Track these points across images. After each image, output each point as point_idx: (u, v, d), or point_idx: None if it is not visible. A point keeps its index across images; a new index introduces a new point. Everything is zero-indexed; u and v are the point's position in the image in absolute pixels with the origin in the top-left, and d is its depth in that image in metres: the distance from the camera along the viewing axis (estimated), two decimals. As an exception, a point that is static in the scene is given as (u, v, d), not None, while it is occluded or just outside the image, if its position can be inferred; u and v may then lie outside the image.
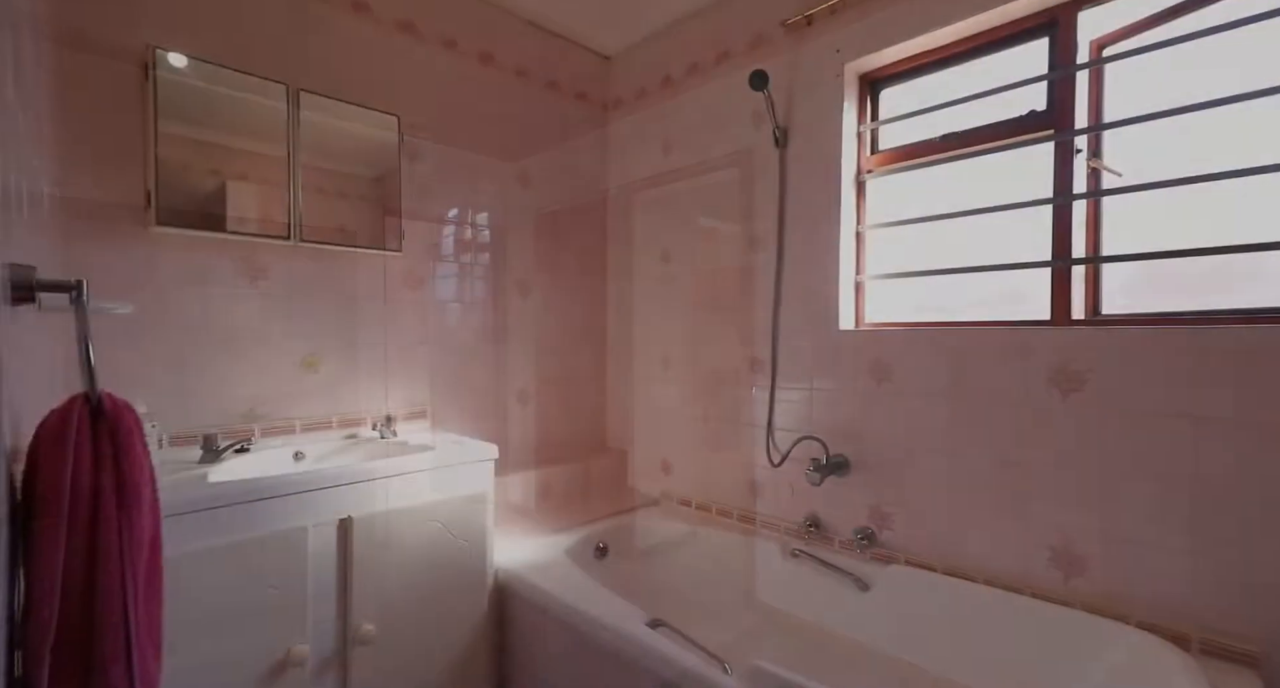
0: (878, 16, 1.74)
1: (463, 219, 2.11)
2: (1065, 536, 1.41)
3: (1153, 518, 1.30)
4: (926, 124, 1.75)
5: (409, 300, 1.96)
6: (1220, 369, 1.22)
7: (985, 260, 1.63)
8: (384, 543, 1.42)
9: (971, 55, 1.68)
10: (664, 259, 2.36)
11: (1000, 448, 1.51)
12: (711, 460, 2.20)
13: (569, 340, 2.45)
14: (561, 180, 2.41)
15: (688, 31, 2.25)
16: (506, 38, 2.20)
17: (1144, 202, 1.42)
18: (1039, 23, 1.54)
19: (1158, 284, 1.48)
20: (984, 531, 1.54)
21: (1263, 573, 1.18)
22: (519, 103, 2.26)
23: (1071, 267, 1.50)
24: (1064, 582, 1.41)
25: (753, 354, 2.05)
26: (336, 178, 1.74)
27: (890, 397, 1.72)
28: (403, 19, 1.92)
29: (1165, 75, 1.40)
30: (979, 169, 1.67)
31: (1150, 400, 1.30)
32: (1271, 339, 1.17)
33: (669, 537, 2.07)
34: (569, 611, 1.46)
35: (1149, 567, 1.30)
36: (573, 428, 2.47)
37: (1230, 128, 1.31)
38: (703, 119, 2.21)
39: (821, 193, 1.88)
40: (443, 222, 2.05)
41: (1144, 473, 1.31)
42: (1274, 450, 1.16)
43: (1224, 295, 1.34)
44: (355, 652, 1.36)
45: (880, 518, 1.74)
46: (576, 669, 1.46)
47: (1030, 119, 1.55)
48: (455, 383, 2.07)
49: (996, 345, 1.52)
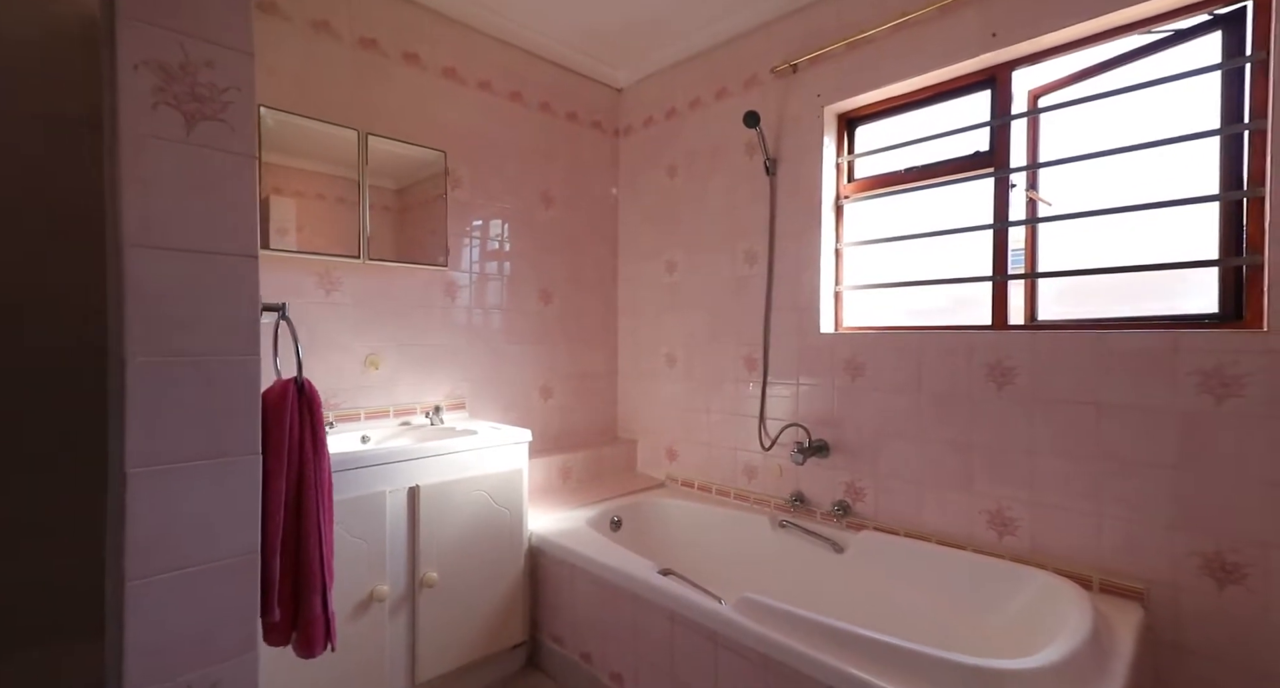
0: (850, 68, 2.05)
1: (495, 235, 2.43)
2: (999, 503, 1.72)
3: (1065, 487, 1.61)
4: (895, 157, 2.06)
5: (450, 307, 2.27)
6: (1119, 365, 1.53)
7: (943, 274, 1.95)
8: (442, 508, 1.73)
9: (930, 101, 1.99)
10: (669, 270, 2.68)
11: (951, 433, 1.83)
12: (711, 447, 2.51)
13: (585, 342, 2.77)
14: (579, 199, 2.72)
15: (690, 71, 2.57)
16: (533, 77, 2.52)
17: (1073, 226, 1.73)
18: (982, 79, 1.85)
19: (1083, 295, 1.79)
20: (937, 501, 1.85)
21: (1147, 529, 1.48)
22: (543, 132, 2.58)
23: (1009, 280, 1.81)
24: (998, 540, 1.72)
25: (747, 354, 2.37)
26: (393, 200, 2.06)
27: (863, 390, 2.03)
28: (447, 66, 2.24)
29: (1090, 120, 1.71)
30: (938, 196, 1.98)
31: (1065, 391, 1.61)
32: (1159, 341, 1.47)
33: (674, 512, 2.38)
34: (593, 563, 1.77)
35: (1062, 526, 1.61)
36: (588, 419, 2.78)
37: (1141, 168, 1.62)
38: (703, 147, 2.52)
39: (806, 215, 2.19)
40: (478, 238, 2.37)
41: (1059, 450, 1.62)
42: (1158, 429, 1.47)
43: (1130, 305, 1.65)
44: (422, 593, 1.68)
45: (854, 492, 2.05)
46: (599, 611, 1.78)
47: (976, 157, 1.87)
48: (488, 378, 2.39)
49: (947, 346, 1.83)
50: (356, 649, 1.56)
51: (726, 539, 2.23)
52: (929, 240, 1.96)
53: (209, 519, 0.82)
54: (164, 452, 0.78)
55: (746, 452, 2.37)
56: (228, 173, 0.83)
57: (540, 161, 2.56)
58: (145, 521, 0.77)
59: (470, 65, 2.32)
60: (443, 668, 1.73)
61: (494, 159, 2.40)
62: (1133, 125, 1.62)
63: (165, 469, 0.78)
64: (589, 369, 2.79)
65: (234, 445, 0.84)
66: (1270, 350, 1.33)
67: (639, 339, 2.83)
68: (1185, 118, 1.55)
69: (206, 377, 0.81)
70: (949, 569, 1.73)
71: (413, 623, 1.68)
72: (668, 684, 1.57)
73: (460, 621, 1.77)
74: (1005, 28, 1.71)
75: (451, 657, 1.75)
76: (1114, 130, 1.66)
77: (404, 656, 1.66)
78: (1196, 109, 1.53)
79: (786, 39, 2.21)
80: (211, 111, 0.81)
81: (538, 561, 2.01)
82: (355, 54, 2.00)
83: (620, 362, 2.92)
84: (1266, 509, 1.33)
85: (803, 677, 1.26)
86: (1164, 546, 1.46)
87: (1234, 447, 1.37)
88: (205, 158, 0.81)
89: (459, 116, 2.28)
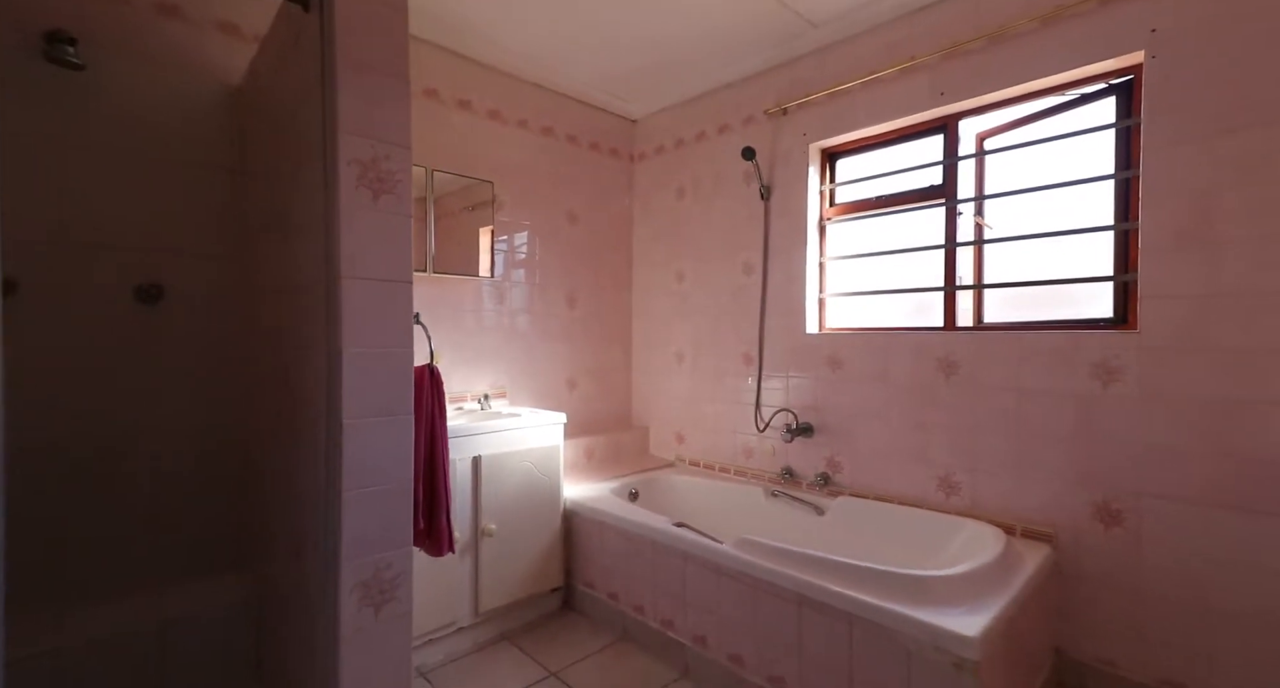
0: (831, 113, 2.47)
1: (530, 250, 2.85)
2: (947, 471, 2.14)
3: (996, 456, 2.02)
4: (868, 187, 2.48)
5: (493, 311, 2.69)
6: (1035, 359, 1.94)
7: (906, 285, 2.36)
8: (498, 474, 2.15)
9: (896, 142, 2.41)
10: (678, 279, 3.10)
11: (911, 415, 2.24)
12: (714, 431, 2.93)
13: (604, 341, 3.19)
14: (599, 217, 3.15)
15: (696, 108, 2.99)
16: (561, 114, 2.94)
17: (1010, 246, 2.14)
18: (935, 125, 2.27)
19: (1022, 302, 2.20)
20: (900, 470, 2.27)
21: (1055, 486, 1.90)
22: (569, 160, 3.00)
23: (956, 291, 2.23)
24: (946, 499, 2.14)
25: (745, 352, 2.78)
26: (447, 222, 2.48)
27: (841, 381, 2.44)
28: (492, 109, 2.67)
29: (1024, 161, 2.12)
30: (904, 220, 2.40)
31: (996, 380, 2.02)
32: (1065, 340, 1.89)
33: (683, 486, 2.80)
34: (619, 519, 2.20)
35: (993, 487, 2.03)
36: (607, 407, 3.20)
37: (1064, 200, 2.02)
38: (707, 173, 2.94)
39: (794, 233, 2.61)
40: (516, 252, 2.79)
41: (991, 428, 2.03)
42: (1062, 409, 1.88)
43: (1048, 310, 2.07)
44: (483, 541, 2.10)
45: (833, 465, 2.47)
46: (624, 558, 2.20)
47: (931, 189, 2.28)
48: (524, 371, 2.81)
49: (908, 345, 2.25)
50: (440, 581, 1.98)
51: (727, 507, 2.64)
52: (896, 256, 2.38)
53: (384, 456, 1.24)
54: (362, 410, 1.20)
55: (744, 434, 2.79)
56: (397, 228, 1.25)
57: (567, 185, 2.99)
58: (352, 454, 1.19)
59: (511, 107, 2.74)
60: (498, 602, 2.16)
61: (529, 185, 2.82)
62: (1058, 165, 2.04)
63: (362, 422, 1.20)
64: (608, 364, 3.21)
65: (398, 408, 1.26)
66: (1141, 347, 1.74)
67: (651, 339, 3.25)
68: (1099, 161, 1.96)
69: (384, 362, 1.24)
70: (907, 524, 2.14)
71: (476, 565, 2.10)
72: (681, 608, 1.99)
73: (511, 565, 2.20)
74: (950, 88, 2.13)
75: (505, 593, 2.17)
76: (1043, 169, 2.07)
77: (469, 589, 2.09)
78: (1107, 155, 1.94)
79: (778, 87, 2.63)
80: (388, 188, 1.24)
81: (571, 522, 2.43)
82: (420, 102, 2.42)
83: (635, 358, 3.34)
84: (1138, 468, 1.75)
85: (784, 591, 1.68)
86: (1067, 499, 1.88)
87: (1115, 421, 1.78)
88: (384, 219, 1.23)
89: (502, 150, 2.70)
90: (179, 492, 1.82)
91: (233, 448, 1.90)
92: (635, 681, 1.91)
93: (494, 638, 2.16)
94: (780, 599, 1.70)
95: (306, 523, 1.33)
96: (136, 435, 1.75)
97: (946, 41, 2.11)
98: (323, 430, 1.23)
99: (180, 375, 1.82)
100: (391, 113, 1.24)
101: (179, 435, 1.82)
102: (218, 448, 1.88)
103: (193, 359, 1.85)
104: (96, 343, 1.70)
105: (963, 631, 1.35)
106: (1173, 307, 1.69)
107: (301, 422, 1.37)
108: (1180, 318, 1.68)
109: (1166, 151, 1.71)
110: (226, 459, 1.89)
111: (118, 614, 1.61)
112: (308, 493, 1.32)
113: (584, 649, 2.10)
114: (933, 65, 2.16)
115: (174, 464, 1.81)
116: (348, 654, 1.18)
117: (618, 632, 2.22)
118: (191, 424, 1.85)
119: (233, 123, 1.91)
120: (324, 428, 1.21)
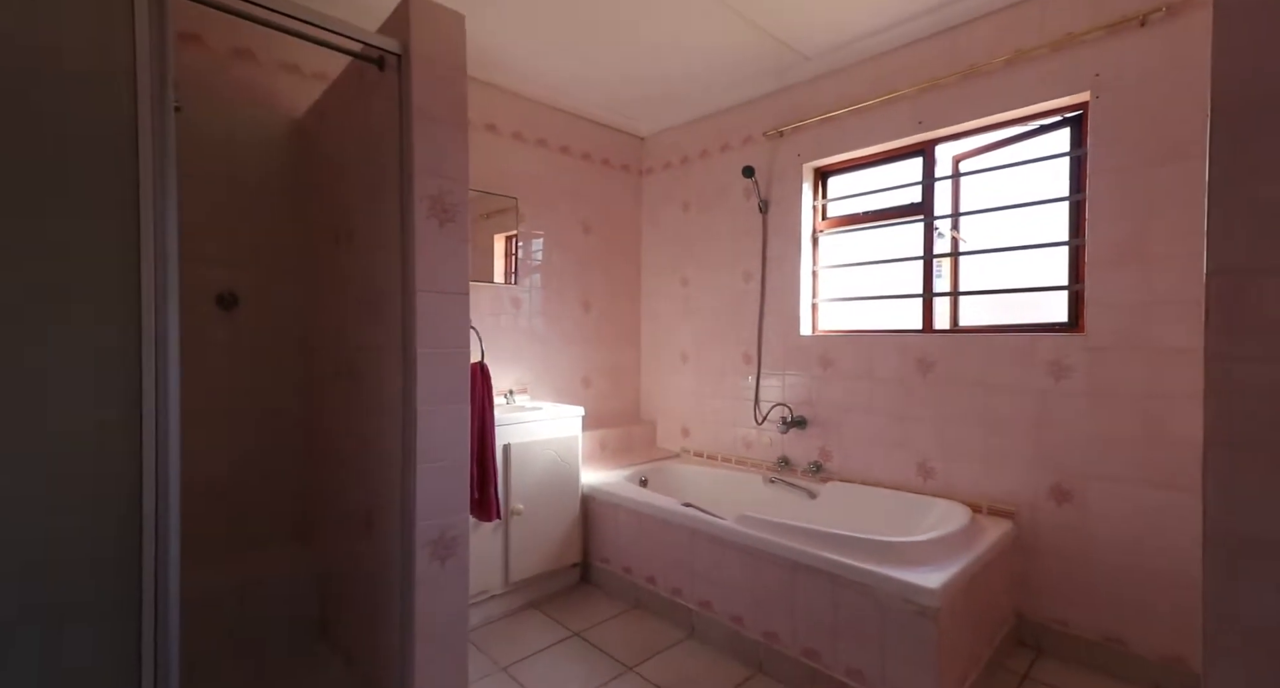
0: (822, 136, 2.74)
1: (547, 257, 3.11)
2: (924, 457, 2.41)
3: (966, 443, 2.29)
4: (856, 203, 2.74)
5: (515, 315, 2.96)
6: (1000, 358, 2.21)
7: (888, 291, 2.63)
8: (526, 460, 2.42)
9: (881, 163, 2.68)
10: (683, 284, 3.36)
11: (894, 409, 2.51)
12: (716, 425, 3.20)
13: (616, 342, 3.46)
14: (611, 227, 3.41)
15: (700, 128, 3.25)
16: (576, 133, 3.21)
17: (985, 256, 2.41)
18: (915, 149, 2.54)
19: (993, 305, 2.47)
20: (883, 458, 2.53)
21: (1016, 470, 2.16)
22: (583, 175, 3.27)
23: (934, 297, 2.49)
24: (923, 482, 2.41)
25: (745, 352, 3.05)
26: (475, 235, 2.75)
27: (832, 378, 2.71)
28: (515, 131, 2.94)
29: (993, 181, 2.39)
30: (889, 234, 2.67)
31: (966, 376, 2.29)
32: (1025, 341, 2.15)
33: (688, 474, 3.07)
34: (633, 501, 2.46)
35: (964, 471, 2.30)
36: (618, 403, 3.47)
37: (1030, 217, 2.29)
38: (710, 188, 3.21)
39: (790, 244, 2.87)
40: (534, 260, 3.06)
41: (962, 418, 2.30)
42: (1022, 401, 2.15)
43: (1021, 314, 2.33)
44: (513, 520, 2.37)
45: (824, 454, 2.73)
46: (636, 535, 2.47)
47: (910, 207, 2.55)
48: (544, 370, 3.08)
49: (890, 345, 2.52)
50: (476, 553, 2.22)
51: (729, 492, 2.91)
52: (882, 265, 2.65)
53: (447, 437, 1.51)
54: (432, 398, 1.47)
55: (744, 427, 3.06)
56: (457, 250, 1.52)
57: (581, 198, 3.25)
58: (424, 434, 1.46)
59: (531, 128, 3.01)
60: (525, 574, 2.42)
61: (548, 198, 3.09)
62: (1025, 186, 2.30)
63: (431, 409, 1.47)
64: (619, 364, 3.48)
65: (457, 397, 1.53)
66: (1088, 348, 2.01)
67: (658, 340, 3.51)
68: (1058, 184, 2.22)
69: (448, 360, 1.51)
70: (888, 504, 2.41)
71: (506, 540, 2.37)
72: (688, 577, 2.26)
73: (537, 542, 2.46)
74: (927, 118, 2.40)
75: (531, 566, 2.44)
76: (1012, 189, 2.34)
77: (501, 561, 2.35)
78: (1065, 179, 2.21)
79: (775, 112, 2.90)
80: (450, 217, 1.51)
81: (588, 505, 2.70)
82: (452, 127, 2.69)
83: (643, 358, 3.60)
84: (1085, 452, 2.01)
85: (778, 558, 1.94)
86: (1026, 480, 2.15)
87: (1066, 412, 2.05)
88: (448, 243, 1.50)
89: (523, 168, 2.97)
90: (254, 471, 2.09)
91: (296, 432, 2.17)
92: (648, 639, 2.18)
93: (522, 605, 2.43)
94: (775, 566, 1.97)
95: (381, 495, 1.60)
96: (217, 422, 2.02)
97: (925, 76, 2.38)
98: (399, 415, 1.49)
99: (252, 370, 2.09)
100: (453, 155, 1.51)
101: (250, 422, 2.09)
102: (283, 433, 2.15)
103: (262, 356, 2.12)
104: (185, 344, 1.97)
105: (926, 584, 1.62)
106: (1114, 313, 1.96)
107: (375, 409, 1.64)
108: (1120, 322, 1.95)
109: (1109, 178, 1.98)
110: (290, 442, 2.16)
111: (204, 577, 1.88)
112: (381, 470, 1.59)
113: (602, 615, 2.37)
114: (912, 97, 2.43)
115: (245, 447, 2.08)
116: (421, 597, 1.45)
117: (631, 601, 2.48)
118: (261, 411, 2.12)
119: (295, 151, 2.18)
120: (401, 413, 1.48)
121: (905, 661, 1.65)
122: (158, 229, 1.07)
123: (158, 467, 1.07)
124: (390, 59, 1.48)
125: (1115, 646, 1.95)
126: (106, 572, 1.04)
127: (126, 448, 1.04)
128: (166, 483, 1.08)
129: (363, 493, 1.72)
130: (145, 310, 1.06)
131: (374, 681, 1.65)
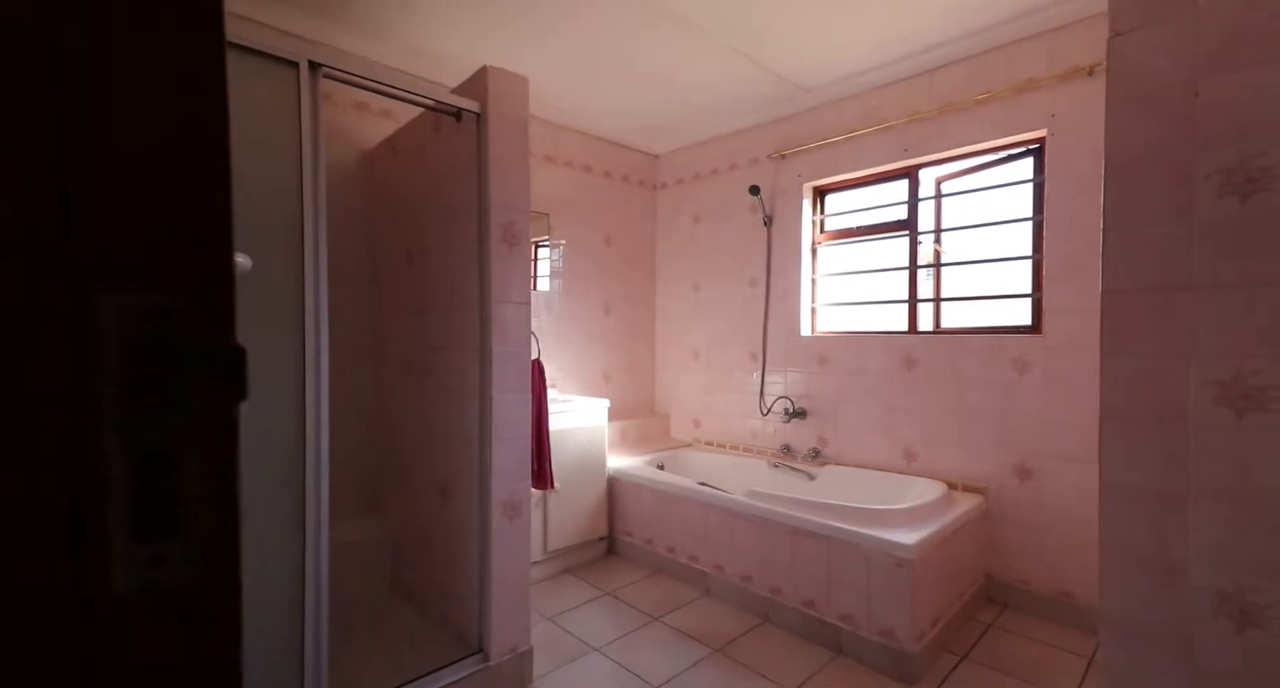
0: (821, 160, 3.09)
1: (571, 266, 3.47)
2: (909, 443, 2.76)
3: (944, 430, 2.64)
4: (850, 218, 3.10)
5: (545, 318, 3.32)
6: (973, 355, 2.56)
7: (878, 297, 2.98)
8: (562, 445, 2.77)
9: (872, 183, 3.03)
10: (695, 290, 3.72)
11: (883, 401, 2.86)
12: (725, 417, 3.55)
13: (633, 342, 3.81)
14: (628, 238, 3.77)
15: (710, 149, 3.61)
16: (599, 153, 3.57)
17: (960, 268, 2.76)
18: (902, 172, 2.89)
19: (974, 311, 2.82)
20: (874, 444, 2.89)
21: (986, 452, 2.52)
22: (605, 192, 3.62)
23: (917, 303, 2.85)
24: (908, 465, 2.76)
25: (751, 351, 3.40)
26: (516, 250, 3.10)
27: (829, 374, 3.06)
28: (547, 154, 3.29)
29: (971, 202, 2.74)
30: (879, 246, 3.02)
31: (945, 372, 2.64)
32: (994, 342, 2.50)
33: (700, 460, 3.42)
34: (653, 481, 2.82)
35: (942, 454, 2.65)
36: (635, 397, 3.83)
37: (1002, 234, 2.64)
38: (719, 203, 3.56)
39: (791, 254, 3.22)
40: (562, 269, 3.41)
41: (941, 408, 2.65)
42: (991, 393, 2.50)
43: (996, 318, 2.68)
44: (550, 496, 2.73)
45: (822, 441, 3.09)
46: (657, 511, 2.82)
47: (897, 223, 2.90)
48: (571, 366, 3.44)
49: (879, 345, 2.87)
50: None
51: (737, 476, 3.26)
52: (873, 274, 3.00)
53: (514, 419, 1.86)
54: (503, 388, 1.83)
55: (750, 419, 3.41)
56: (522, 268, 1.87)
57: (603, 212, 3.61)
58: (498, 417, 1.81)
59: (560, 151, 3.36)
60: (561, 544, 2.78)
61: (574, 213, 3.44)
62: (998, 206, 2.65)
63: (503, 396, 1.83)
64: (636, 362, 3.83)
65: (522, 387, 1.88)
66: (1045, 347, 2.36)
67: (672, 340, 3.87)
68: (1025, 205, 2.57)
69: (514, 358, 1.86)
70: (876, 483, 2.76)
71: (545, 514, 2.73)
72: (703, 545, 2.61)
73: (570, 516, 2.82)
74: (912, 146, 2.75)
75: (566, 536, 2.80)
76: (987, 208, 2.69)
77: (541, 532, 2.71)
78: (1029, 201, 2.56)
79: (777, 136, 3.25)
80: (516, 240, 1.86)
81: (614, 486, 3.06)
82: (492, 152, 3.04)
83: (657, 356, 3.96)
84: (1042, 435, 2.37)
85: (782, 525, 2.30)
86: (995, 461, 2.50)
87: (1027, 402, 2.40)
88: (515, 262, 1.86)
89: (553, 187, 3.32)
90: (335, 456, 2.44)
91: (366, 418, 2.53)
92: (670, 597, 2.54)
93: (559, 571, 2.79)
94: (780, 531, 2.32)
95: (456, 467, 1.96)
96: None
97: (909, 110, 2.73)
98: (474, 402, 1.85)
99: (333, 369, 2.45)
100: (518, 190, 1.87)
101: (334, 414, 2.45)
102: (356, 419, 2.51)
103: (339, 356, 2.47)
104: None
105: (904, 540, 1.97)
106: (1065, 317, 2.31)
107: (447, 397, 1.99)
108: (1071, 326, 2.30)
109: (1061, 203, 2.33)
110: (359, 429, 2.52)
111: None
112: (460, 447, 1.95)
113: (628, 578, 2.73)
114: (899, 128, 2.78)
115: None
116: (496, 546, 1.81)
117: (653, 567, 2.84)
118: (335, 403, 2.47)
119: (365, 179, 2.54)
120: (478, 400, 1.84)
121: (887, 605, 2.00)
122: (315, 263, 1.42)
123: (318, 443, 1.43)
124: (469, 115, 1.83)
125: (1066, 599, 2.31)
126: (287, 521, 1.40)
127: (298, 430, 1.41)
128: (319, 456, 1.44)
129: (438, 467, 2.08)
130: (308, 327, 1.41)
131: (451, 621, 2.01)
